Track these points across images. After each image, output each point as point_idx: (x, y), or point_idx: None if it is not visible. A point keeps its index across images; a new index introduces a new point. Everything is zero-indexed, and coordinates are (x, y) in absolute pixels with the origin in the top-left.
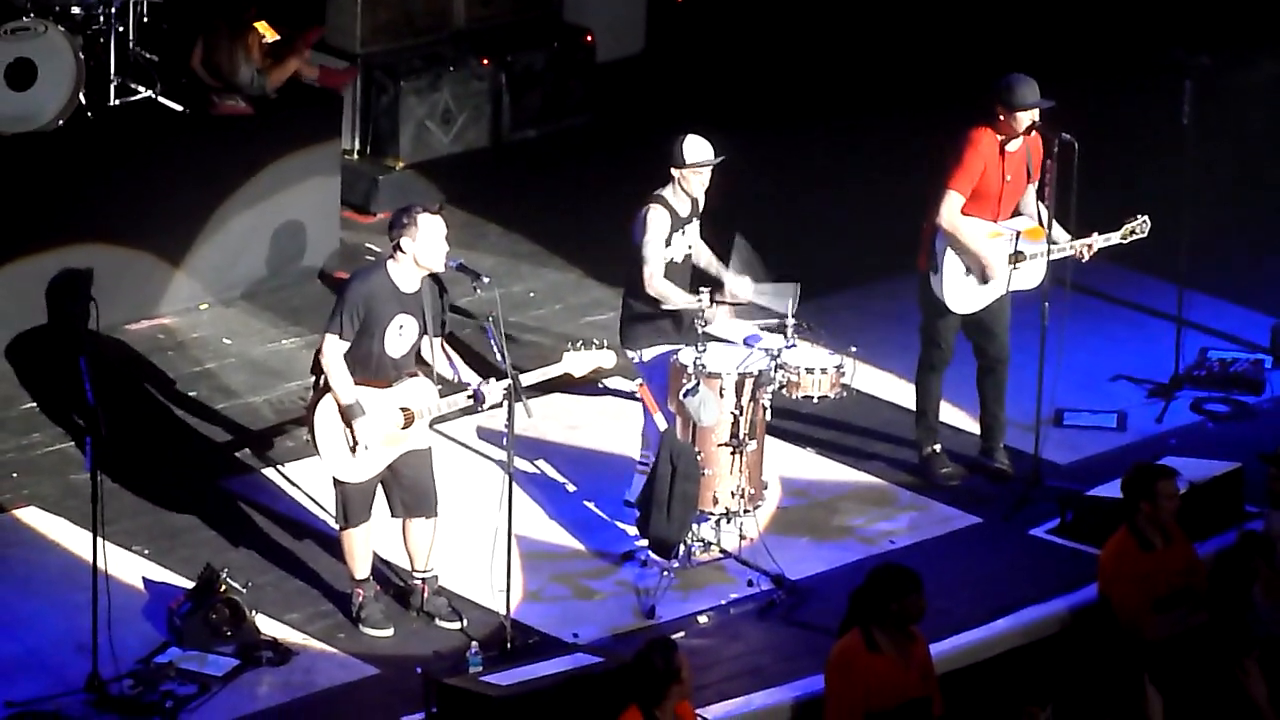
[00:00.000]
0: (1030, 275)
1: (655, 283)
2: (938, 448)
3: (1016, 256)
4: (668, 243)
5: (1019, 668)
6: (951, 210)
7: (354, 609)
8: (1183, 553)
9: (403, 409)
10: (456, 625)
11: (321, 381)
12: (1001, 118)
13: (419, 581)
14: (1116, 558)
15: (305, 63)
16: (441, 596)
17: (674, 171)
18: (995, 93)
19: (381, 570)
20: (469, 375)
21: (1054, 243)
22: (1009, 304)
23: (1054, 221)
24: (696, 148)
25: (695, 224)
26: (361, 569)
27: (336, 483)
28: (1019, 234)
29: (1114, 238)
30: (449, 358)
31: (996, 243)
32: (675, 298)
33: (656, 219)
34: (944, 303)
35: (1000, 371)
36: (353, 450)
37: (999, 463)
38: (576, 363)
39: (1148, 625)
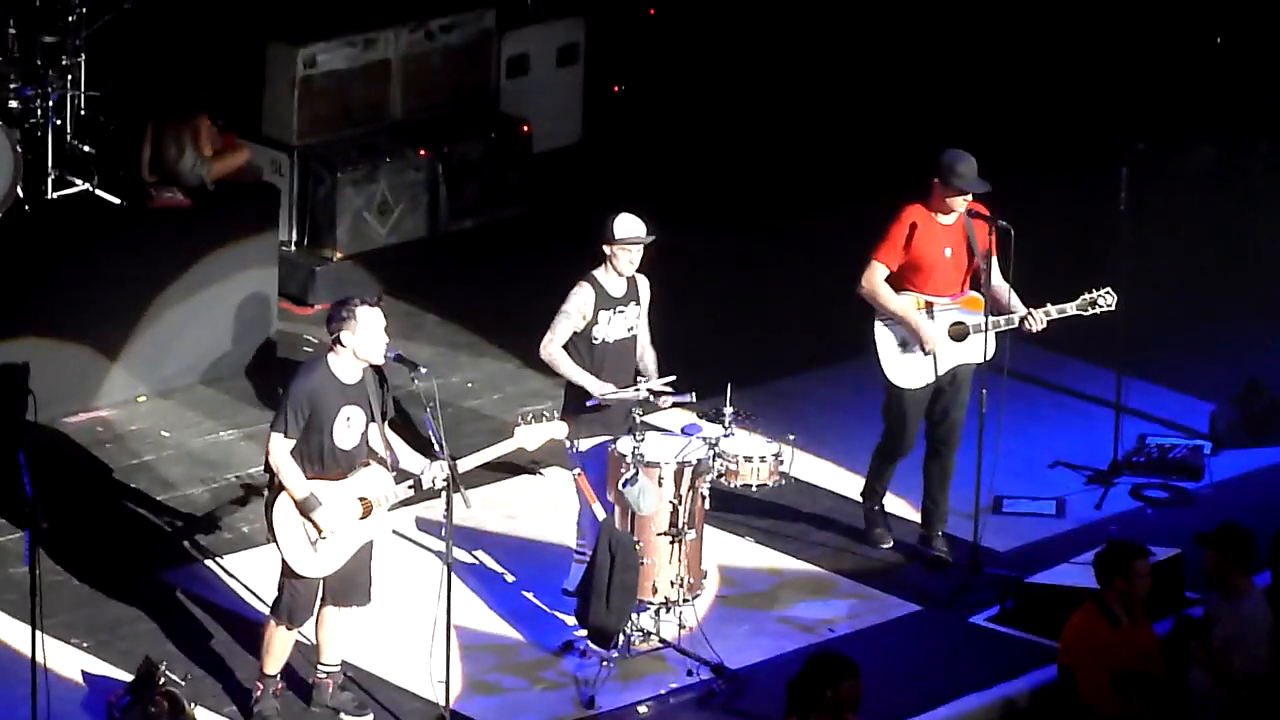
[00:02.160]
0: (979, 348)
1: (549, 348)
2: (876, 508)
3: (957, 327)
4: (594, 320)
5: None
6: (871, 278)
7: (252, 703)
8: (1145, 635)
9: (360, 498)
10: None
11: (276, 481)
12: (936, 193)
13: (324, 676)
14: (1082, 630)
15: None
16: (348, 691)
17: (605, 249)
18: (936, 168)
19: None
20: (410, 462)
21: (1002, 314)
22: (967, 385)
23: (1013, 293)
24: (626, 224)
25: (636, 307)
26: (275, 665)
27: (290, 579)
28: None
29: (1069, 308)
30: (390, 445)
31: (928, 314)
32: (564, 368)
33: (577, 294)
34: (887, 379)
35: (946, 455)
36: (314, 544)
37: (937, 550)
38: (529, 436)
39: (1106, 700)
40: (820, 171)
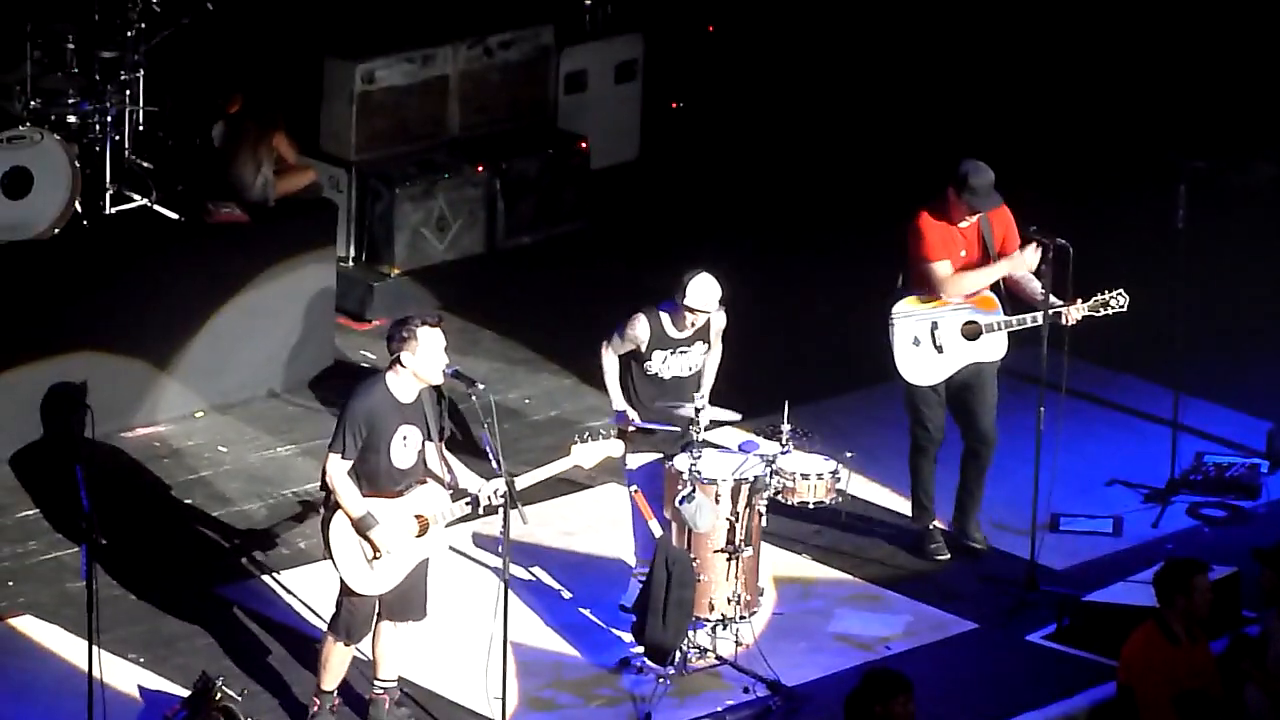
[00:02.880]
0: (994, 347)
1: (605, 352)
2: (931, 526)
3: (970, 327)
4: (648, 356)
5: None
6: (943, 277)
7: (309, 718)
8: (1204, 654)
9: (416, 516)
10: None
11: (332, 500)
12: (951, 201)
13: (380, 692)
14: (1144, 649)
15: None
16: (404, 706)
17: (678, 299)
18: (952, 176)
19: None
20: (467, 481)
21: (1026, 310)
22: (991, 384)
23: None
24: (699, 292)
25: (703, 345)
26: (332, 681)
27: (347, 596)
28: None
29: (1082, 309)
30: (447, 463)
31: (944, 311)
32: (606, 376)
33: (634, 324)
34: (901, 376)
35: (984, 455)
36: (371, 562)
37: (973, 540)
38: (585, 454)
39: (1168, 719)
40: (877, 189)
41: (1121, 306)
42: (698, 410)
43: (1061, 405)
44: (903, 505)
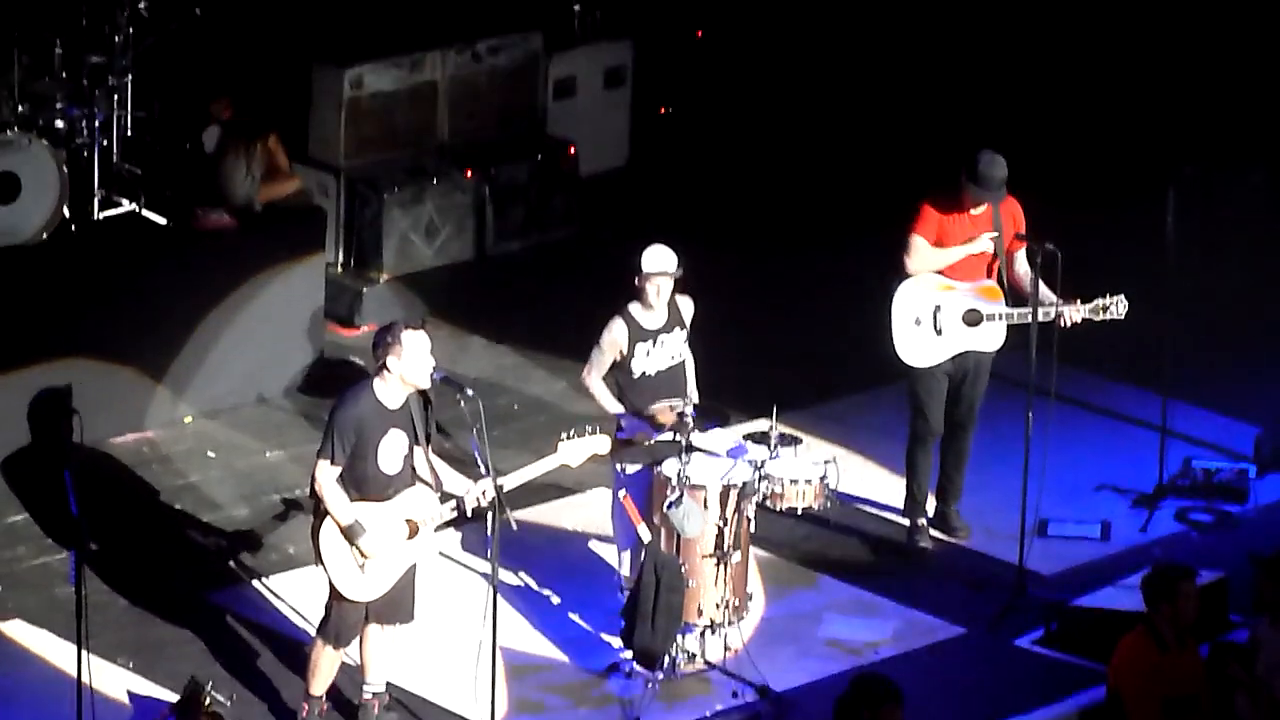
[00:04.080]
0: (992, 337)
1: (587, 379)
2: (921, 521)
3: (971, 314)
4: (630, 354)
5: None
6: (911, 251)
7: None
8: (1193, 659)
9: (406, 521)
10: None
11: (321, 506)
12: (964, 191)
13: (369, 696)
14: (1132, 655)
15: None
16: (393, 711)
17: (637, 281)
18: (966, 164)
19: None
20: (455, 485)
21: (1023, 304)
22: (984, 373)
23: (1039, 285)
24: (653, 257)
25: (681, 331)
26: (321, 686)
27: (337, 601)
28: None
29: (1081, 310)
30: (434, 468)
31: (949, 295)
32: (600, 399)
33: (609, 329)
34: (899, 356)
35: (962, 439)
36: (361, 568)
37: (955, 529)
38: (572, 452)
39: None
40: (868, 194)
41: (1120, 314)
42: (685, 412)
43: (1050, 410)
44: (892, 510)
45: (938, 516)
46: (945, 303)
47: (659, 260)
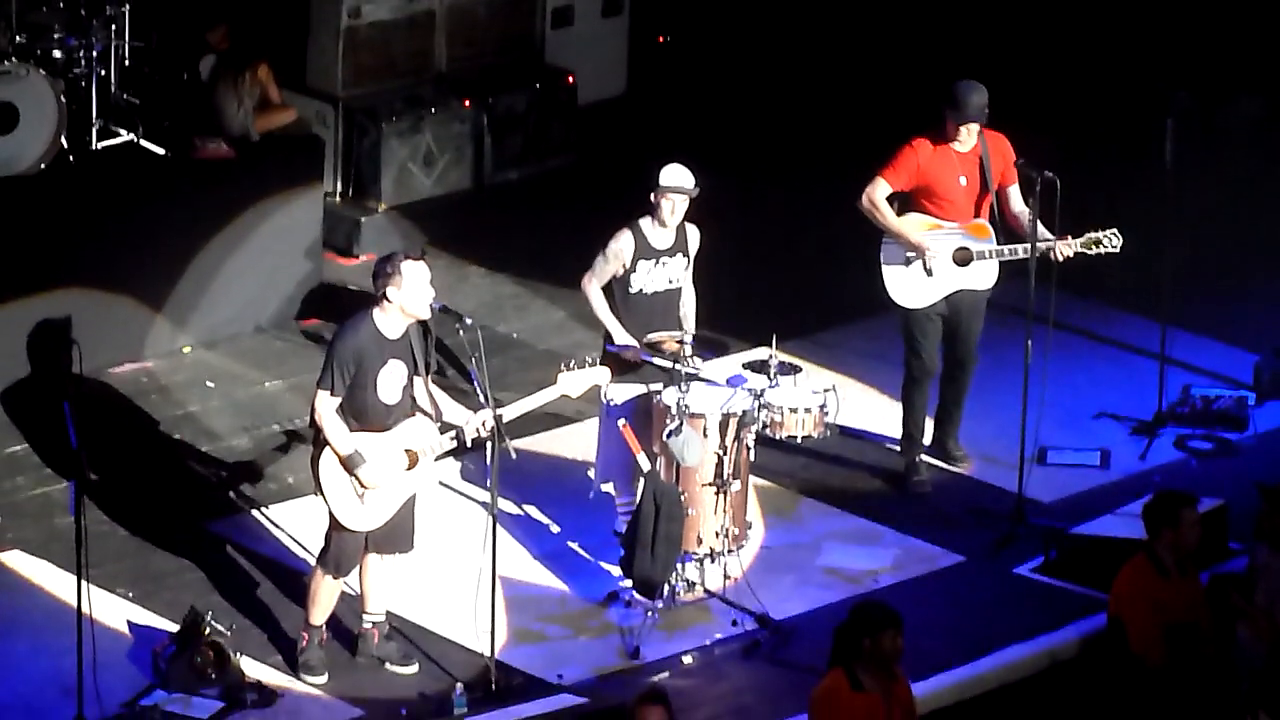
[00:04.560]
0: (984, 275)
1: (588, 285)
2: (917, 459)
3: (961, 253)
4: (632, 269)
5: (1002, 708)
6: (871, 193)
7: (298, 653)
8: (1194, 587)
9: (406, 450)
10: (411, 670)
11: (321, 436)
12: (948, 123)
13: (369, 626)
14: (1133, 581)
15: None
16: (393, 641)
17: (652, 198)
18: (947, 97)
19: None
20: (454, 414)
21: (1019, 242)
22: (979, 311)
23: (1038, 223)
24: (672, 173)
25: (683, 258)
26: (320, 616)
27: (336, 531)
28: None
29: (1074, 245)
30: (434, 398)
31: (935, 235)
32: (596, 307)
33: (617, 239)
34: (891, 298)
35: (961, 378)
36: (361, 498)
37: (954, 458)
38: (572, 383)
39: (1158, 651)
40: (865, 121)
41: (1115, 247)
42: (685, 341)
43: (1049, 339)
44: (892, 438)
45: (936, 445)
46: (934, 243)
47: (677, 177)
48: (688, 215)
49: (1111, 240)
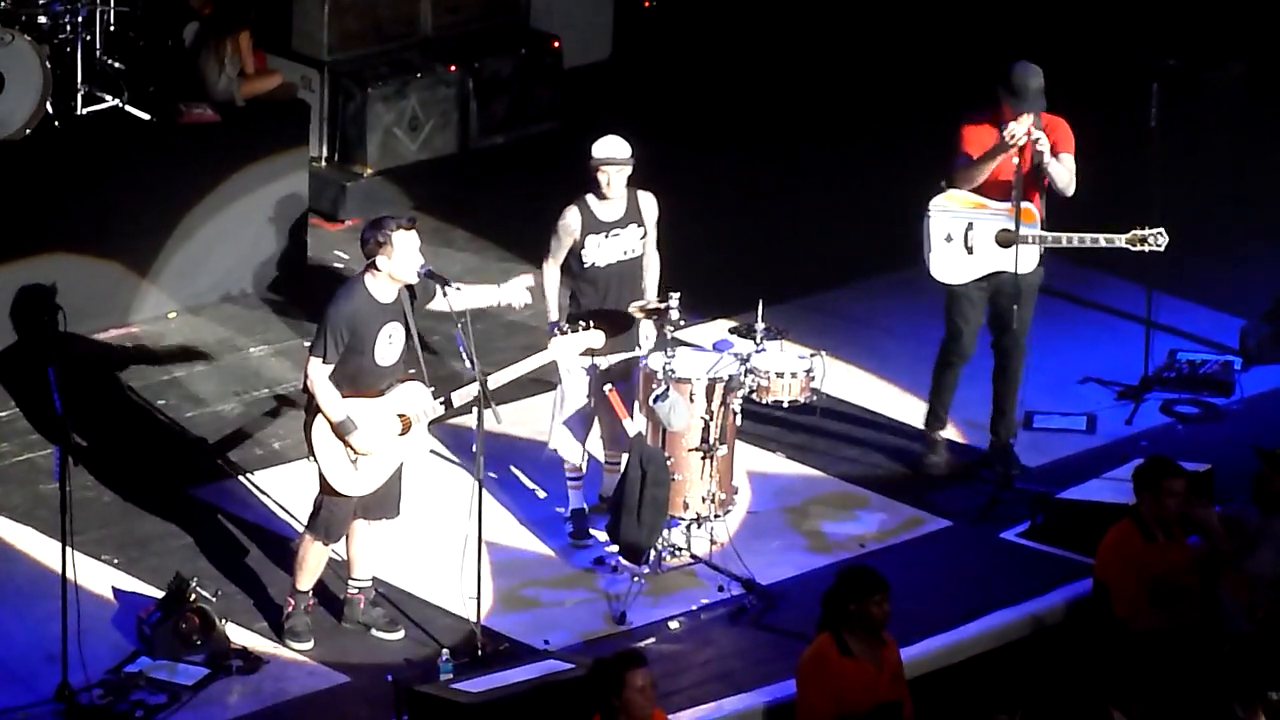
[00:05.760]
0: (1024, 259)
1: (544, 266)
2: (938, 435)
3: (1005, 234)
4: (581, 244)
5: (989, 672)
6: (959, 165)
7: (284, 619)
8: (1181, 551)
9: (399, 415)
10: (397, 636)
11: (314, 402)
12: (1000, 102)
13: (355, 592)
14: (1117, 544)
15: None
16: (379, 607)
17: (590, 171)
18: (999, 77)
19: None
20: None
21: (1052, 231)
22: (1029, 299)
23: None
24: (604, 145)
25: (638, 228)
26: (308, 581)
27: (328, 496)
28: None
29: (1118, 240)
30: (419, 360)
31: (982, 214)
32: (546, 289)
33: (565, 215)
34: (930, 272)
35: (1010, 368)
36: (355, 463)
37: (1007, 453)
38: (563, 347)
39: (1142, 614)
40: (851, 87)
41: (1159, 246)
42: (672, 306)
43: (1035, 304)
44: (878, 403)
45: (991, 448)
46: (978, 221)
47: (607, 148)
48: (657, 182)
49: (1157, 239)
